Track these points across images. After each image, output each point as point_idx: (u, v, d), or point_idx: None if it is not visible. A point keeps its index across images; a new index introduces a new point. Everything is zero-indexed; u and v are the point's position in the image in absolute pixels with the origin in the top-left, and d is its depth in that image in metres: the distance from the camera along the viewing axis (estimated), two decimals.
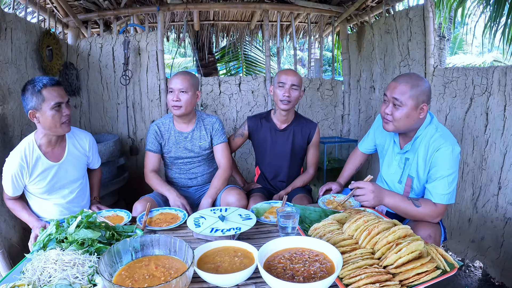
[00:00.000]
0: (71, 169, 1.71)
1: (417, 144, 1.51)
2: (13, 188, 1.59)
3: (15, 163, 1.54)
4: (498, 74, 1.90)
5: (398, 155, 1.62)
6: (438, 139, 1.43)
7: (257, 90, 3.27)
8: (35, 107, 1.51)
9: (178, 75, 1.86)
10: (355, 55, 3.42)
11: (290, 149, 2.10)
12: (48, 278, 0.99)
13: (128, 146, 3.10)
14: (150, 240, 1.10)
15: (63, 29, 3.07)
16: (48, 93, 1.51)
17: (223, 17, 4.24)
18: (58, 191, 1.69)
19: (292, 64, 5.47)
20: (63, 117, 1.56)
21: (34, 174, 1.59)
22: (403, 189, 1.60)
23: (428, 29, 2.36)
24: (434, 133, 1.46)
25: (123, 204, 2.86)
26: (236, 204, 1.75)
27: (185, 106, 1.83)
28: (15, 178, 1.57)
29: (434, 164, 1.43)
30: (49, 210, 1.70)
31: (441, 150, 1.40)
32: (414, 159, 1.52)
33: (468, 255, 2.19)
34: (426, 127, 1.49)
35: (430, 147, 1.44)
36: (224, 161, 1.94)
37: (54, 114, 1.52)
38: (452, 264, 1.02)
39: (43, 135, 1.60)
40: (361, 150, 1.98)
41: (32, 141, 1.60)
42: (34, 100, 1.50)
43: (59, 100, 1.53)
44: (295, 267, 0.99)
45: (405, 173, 1.59)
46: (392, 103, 1.45)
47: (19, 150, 1.57)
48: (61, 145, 1.69)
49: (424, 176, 1.50)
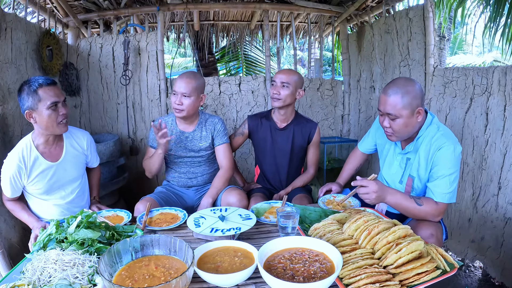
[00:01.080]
0: (70, 168, 1.71)
1: (419, 144, 1.51)
2: (11, 189, 1.59)
3: (13, 164, 1.53)
4: (498, 74, 1.90)
5: (400, 155, 1.62)
6: (439, 138, 1.43)
7: (257, 90, 3.27)
8: (32, 107, 1.50)
9: (183, 77, 1.83)
10: (355, 55, 3.42)
11: (290, 148, 2.10)
12: (48, 278, 0.99)
13: (128, 146, 3.10)
14: (150, 240, 1.10)
15: (63, 29, 3.07)
16: (44, 93, 1.50)
17: (223, 17, 4.24)
18: (57, 191, 1.68)
19: (292, 64, 5.47)
20: (60, 117, 1.55)
21: (32, 174, 1.58)
22: (404, 189, 1.60)
23: (428, 29, 2.36)
24: (436, 132, 1.46)
25: (123, 204, 2.86)
26: (237, 205, 1.75)
27: (187, 110, 1.83)
28: (13, 180, 1.56)
29: (436, 163, 1.43)
30: (49, 210, 1.70)
31: (443, 149, 1.40)
32: (416, 159, 1.52)
33: (468, 255, 2.19)
34: (427, 128, 1.49)
35: (432, 146, 1.45)
36: (226, 162, 1.94)
37: (50, 113, 1.51)
38: (452, 264, 1.02)
39: (41, 135, 1.60)
40: (361, 150, 1.98)
41: (29, 142, 1.59)
42: (30, 100, 1.49)
43: (55, 99, 1.52)
44: (295, 267, 0.99)
45: (406, 173, 1.59)
46: (388, 118, 1.45)
47: (16, 152, 1.56)
48: (59, 144, 1.69)
49: (425, 175, 1.50)
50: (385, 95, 1.43)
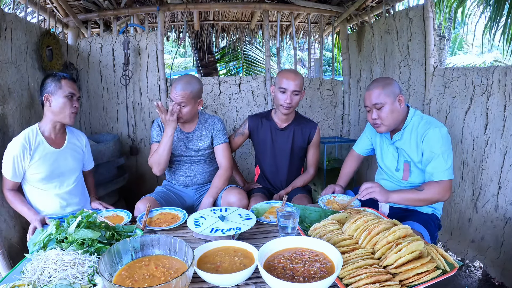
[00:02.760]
0: (70, 158, 1.79)
1: (406, 134, 1.65)
2: (13, 171, 1.61)
3: (17, 144, 1.61)
4: (498, 74, 1.90)
5: (391, 146, 1.75)
6: (423, 125, 1.59)
7: (257, 90, 3.27)
8: (52, 91, 1.68)
9: (179, 85, 1.79)
10: (355, 55, 3.42)
11: (290, 148, 2.11)
12: (48, 278, 0.99)
13: (128, 146, 3.10)
14: (150, 240, 1.10)
15: (63, 29, 3.07)
16: (66, 84, 1.70)
17: (223, 17, 4.24)
18: (56, 179, 1.72)
19: (292, 64, 5.47)
20: (72, 108, 1.72)
21: (35, 157, 1.64)
22: (402, 174, 1.71)
23: (428, 29, 2.36)
24: (420, 121, 1.62)
25: (123, 204, 2.86)
26: (237, 204, 1.75)
27: (185, 118, 1.87)
28: (17, 160, 1.61)
29: (426, 147, 1.55)
30: (48, 201, 1.71)
31: (429, 133, 1.54)
32: (405, 146, 1.66)
33: (468, 255, 2.19)
34: (411, 118, 1.64)
35: (418, 133, 1.59)
36: (225, 161, 1.95)
37: (66, 102, 1.69)
38: (452, 264, 1.02)
39: (49, 121, 1.71)
40: (357, 152, 2.03)
41: (35, 128, 1.70)
42: (52, 86, 1.68)
43: (73, 91, 1.72)
44: (295, 267, 0.99)
45: (400, 161, 1.72)
46: (375, 108, 1.60)
47: (22, 134, 1.66)
48: (63, 135, 1.80)
49: (417, 159, 1.62)
50: (368, 90, 1.64)
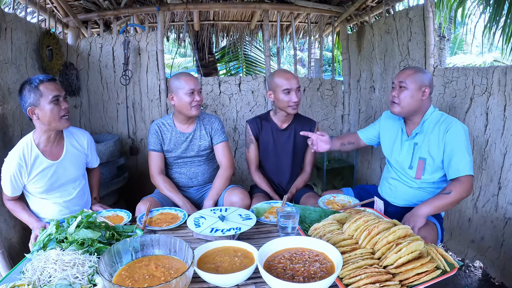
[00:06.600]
0: (70, 167, 1.71)
1: (426, 127, 1.67)
2: (12, 188, 1.59)
3: (13, 163, 1.54)
4: (498, 74, 1.90)
5: (406, 142, 1.74)
6: (446, 119, 1.62)
7: (257, 90, 3.27)
8: (34, 103, 1.52)
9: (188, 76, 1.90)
10: (355, 55, 3.42)
11: (292, 147, 2.11)
12: (48, 278, 0.99)
13: (128, 146, 3.10)
14: (150, 240, 1.10)
15: (63, 29, 3.07)
16: (45, 88, 1.53)
17: (223, 17, 4.23)
18: (57, 190, 1.68)
19: (292, 64, 5.46)
20: (62, 111, 1.57)
21: (33, 173, 1.58)
22: (415, 172, 1.70)
23: (428, 29, 2.36)
24: (440, 116, 1.65)
25: (123, 204, 2.85)
26: (240, 204, 1.75)
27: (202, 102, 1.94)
28: (14, 178, 1.56)
29: (450, 140, 1.57)
30: (49, 209, 1.70)
31: (453, 127, 1.57)
32: (425, 141, 1.66)
33: (468, 255, 2.19)
34: (431, 113, 1.67)
35: (442, 127, 1.61)
36: (225, 160, 1.94)
37: (53, 107, 1.54)
38: (452, 264, 1.02)
39: (43, 132, 1.60)
40: (359, 135, 2.04)
41: (30, 140, 1.60)
42: (32, 97, 1.51)
43: (56, 93, 1.55)
44: (295, 267, 0.99)
45: (415, 158, 1.70)
46: (398, 86, 1.63)
47: (17, 150, 1.56)
48: (60, 143, 1.70)
49: (438, 153, 1.61)
50: (402, 70, 1.68)
